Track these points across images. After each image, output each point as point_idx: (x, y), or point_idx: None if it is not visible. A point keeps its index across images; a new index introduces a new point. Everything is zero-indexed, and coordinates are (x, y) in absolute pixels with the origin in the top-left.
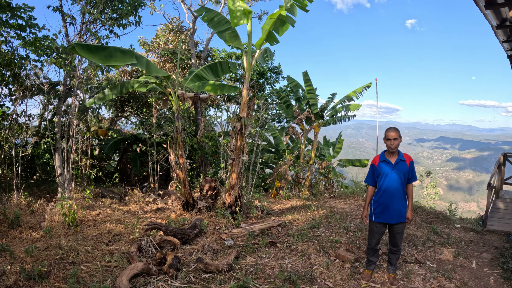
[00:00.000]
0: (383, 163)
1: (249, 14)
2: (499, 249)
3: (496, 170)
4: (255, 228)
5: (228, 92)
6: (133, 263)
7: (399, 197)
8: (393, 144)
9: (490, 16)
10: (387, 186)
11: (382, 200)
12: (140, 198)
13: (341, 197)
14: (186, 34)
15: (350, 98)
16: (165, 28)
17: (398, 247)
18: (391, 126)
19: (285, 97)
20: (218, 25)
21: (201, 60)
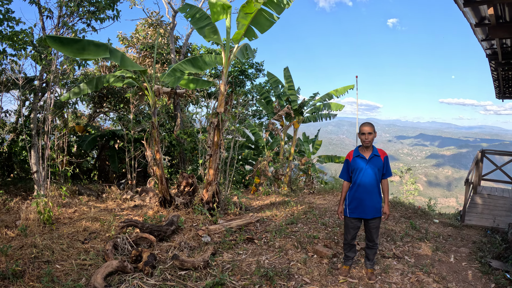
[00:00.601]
0: (357, 158)
1: (228, 9)
2: (477, 243)
3: (473, 166)
4: (232, 224)
5: (202, 87)
6: (108, 261)
7: (374, 192)
8: (367, 139)
9: (469, 14)
10: (361, 181)
11: (356, 195)
12: (118, 195)
13: (321, 193)
14: (165, 29)
15: (331, 96)
16: (144, 22)
17: (374, 242)
18: (366, 122)
19: (265, 93)
20: (199, 21)
21: (181, 56)
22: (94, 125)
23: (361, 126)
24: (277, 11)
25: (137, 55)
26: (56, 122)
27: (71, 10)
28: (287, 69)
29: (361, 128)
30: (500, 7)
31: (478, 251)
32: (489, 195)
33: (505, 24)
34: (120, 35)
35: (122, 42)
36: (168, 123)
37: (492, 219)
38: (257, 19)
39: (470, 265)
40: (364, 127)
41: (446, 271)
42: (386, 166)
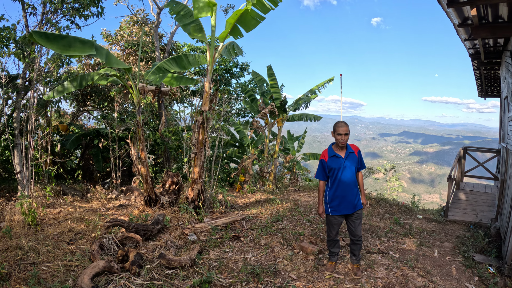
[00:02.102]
0: (334, 158)
1: (213, 7)
2: (460, 238)
3: (456, 163)
4: (218, 222)
5: (186, 84)
6: (95, 262)
7: (353, 188)
8: (343, 140)
9: (452, 14)
10: (341, 179)
11: (338, 194)
12: (103, 195)
13: (305, 190)
14: (150, 26)
15: (313, 91)
16: (129, 20)
17: (358, 236)
18: (341, 121)
19: (250, 91)
20: (183, 18)
21: (165, 54)
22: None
23: (337, 126)
24: (263, 11)
25: (121, 53)
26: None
27: (55, 7)
28: (270, 67)
29: (337, 128)
30: (483, 8)
31: (462, 246)
32: (472, 191)
33: (488, 25)
34: (104, 32)
35: (106, 40)
36: (153, 121)
37: (475, 214)
38: (243, 18)
39: (454, 259)
40: (341, 127)
41: (430, 265)
42: (360, 160)
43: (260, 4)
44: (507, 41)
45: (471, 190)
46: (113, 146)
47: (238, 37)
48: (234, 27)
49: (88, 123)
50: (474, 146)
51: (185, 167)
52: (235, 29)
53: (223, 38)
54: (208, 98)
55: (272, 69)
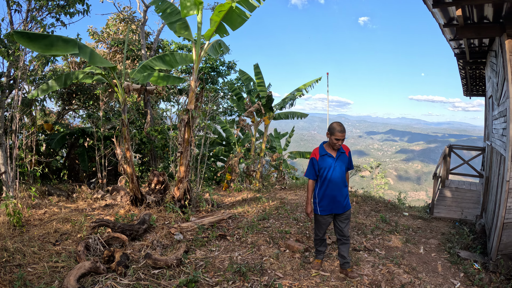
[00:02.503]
0: (325, 157)
1: (199, 5)
2: (446, 235)
3: (441, 160)
4: (205, 221)
5: (173, 83)
6: (81, 262)
7: (343, 188)
8: (339, 145)
9: (438, 14)
10: (331, 178)
11: (328, 193)
12: (88, 195)
13: (292, 189)
14: (137, 24)
15: (300, 91)
16: (115, 17)
17: (346, 236)
18: (340, 123)
19: (237, 90)
20: (170, 16)
21: (152, 52)
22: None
23: (335, 130)
24: (249, 9)
25: (107, 51)
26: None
27: (40, 4)
28: (257, 65)
29: (335, 132)
30: (468, 9)
31: (447, 242)
32: (457, 188)
33: (473, 25)
34: (90, 30)
35: (93, 37)
36: (139, 120)
37: (460, 211)
38: (229, 16)
39: (440, 255)
40: (340, 133)
41: (416, 262)
42: (350, 161)
43: (245, 1)
44: (492, 41)
45: (457, 187)
46: (98, 145)
47: (224, 35)
48: (220, 25)
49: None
50: (459, 144)
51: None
52: (221, 27)
53: (209, 36)
54: (194, 97)
55: (259, 68)
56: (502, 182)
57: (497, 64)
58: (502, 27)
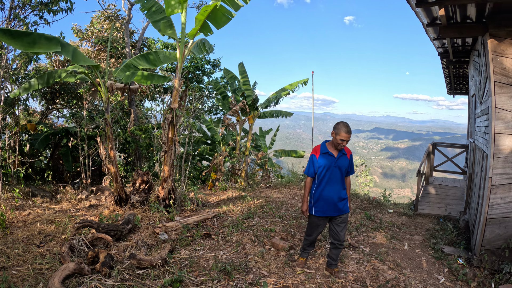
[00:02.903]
0: (325, 155)
1: (184, 3)
2: (430, 231)
3: (425, 158)
4: (189, 220)
5: (158, 82)
6: (65, 264)
7: (341, 190)
8: (343, 146)
9: (421, 14)
10: (329, 179)
11: (324, 194)
12: (72, 196)
13: (277, 187)
14: (121, 22)
15: (285, 90)
16: (100, 15)
17: (342, 240)
18: (347, 124)
19: (222, 89)
20: (154, 14)
21: (136, 50)
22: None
23: (342, 131)
24: (234, 8)
25: (91, 49)
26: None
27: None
28: (242, 64)
29: (342, 133)
30: (451, 8)
31: (431, 238)
32: (441, 185)
33: (456, 25)
34: (75, 28)
35: (77, 35)
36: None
37: (444, 207)
38: (214, 14)
39: (424, 251)
40: (346, 133)
41: (401, 258)
42: (351, 164)
43: (230, 0)
44: (475, 40)
45: (440, 184)
46: (82, 145)
47: (208, 34)
48: (204, 24)
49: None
50: (443, 142)
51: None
52: (205, 25)
53: (193, 35)
54: (178, 96)
55: (243, 66)
56: (485, 179)
57: (479, 63)
58: (485, 27)
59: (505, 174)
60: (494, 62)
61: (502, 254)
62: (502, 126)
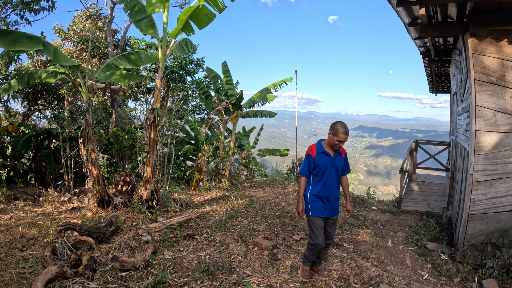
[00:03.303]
0: (322, 155)
1: (166, 2)
2: (413, 227)
3: (408, 155)
4: (173, 221)
5: (134, 81)
6: (48, 268)
7: (336, 190)
8: (339, 147)
9: (402, 13)
10: (327, 179)
11: (321, 194)
12: (55, 198)
13: (261, 186)
14: (104, 21)
15: (268, 90)
16: (82, 14)
17: (331, 240)
18: (345, 125)
19: (205, 88)
20: (136, 14)
21: (119, 49)
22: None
23: (339, 132)
24: (217, 9)
25: (74, 49)
26: None
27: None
28: (225, 63)
29: (340, 134)
30: (432, 8)
31: (414, 235)
32: (424, 182)
33: (437, 24)
34: (56, 27)
35: (59, 35)
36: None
37: (427, 204)
38: (196, 14)
39: (407, 248)
40: (344, 134)
41: (384, 255)
42: (346, 163)
43: (214, 1)
44: (456, 39)
45: (423, 181)
46: (64, 146)
47: (190, 33)
48: (186, 24)
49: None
50: (425, 140)
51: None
52: (187, 25)
53: (175, 35)
54: (160, 96)
55: (227, 66)
56: (466, 176)
57: (460, 62)
58: (465, 26)
59: (486, 170)
60: (475, 61)
61: (484, 249)
62: (482, 124)
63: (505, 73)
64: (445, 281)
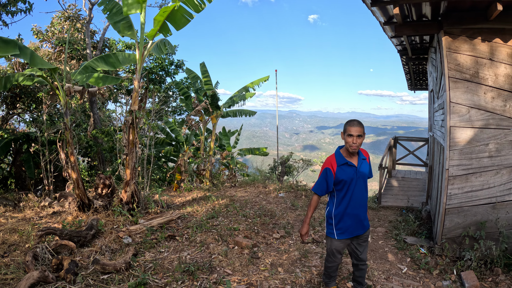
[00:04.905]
0: (345, 167)
1: (143, 3)
2: (393, 222)
3: (387, 152)
4: (153, 223)
5: (112, 83)
6: (29, 273)
7: (365, 204)
8: (355, 143)
9: (377, 13)
10: (353, 194)
11: (349, 212)
12: (35, 203)
13: (242, 186)
14: (82, 22)
15: (247, 89)
16: (60, 15)
17: (364, 260)
18: (354, 119)
19: (184, 89)
20: (114, 15)
21: (97, 51)
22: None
23: (347, 124)
24: (195, 9)
25: (52, 50)
26: None
27: None
28: (203, 64)
29: (347, 127)
30: (407, 7)
31: (394, 230)
32: (403, 177)
33: (412, 23)
34: (35, 29)
35: (37, 37)
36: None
37: (406, 199)
38: (173, 15)
39: (387, 243)
40: (352, 126)
41: None
42: (370, 168)
43: (191, 2)
44: (432, 38)
45: (403, 177)
46: (43, 150)
47: (168, 34)
48: (163, 25)
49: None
50: (404, 136)
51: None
52: (165, 26)
53: (152, 36)
54: (138, 97)
55: (205, 66)
56: (443, 171)
57: (436, 60)
58: (440, 25)
59: (462, 165)
60: (449, 58)
61: (462, 242)
62: (457, 120)
63: (479, 70)
64: (424, 274)
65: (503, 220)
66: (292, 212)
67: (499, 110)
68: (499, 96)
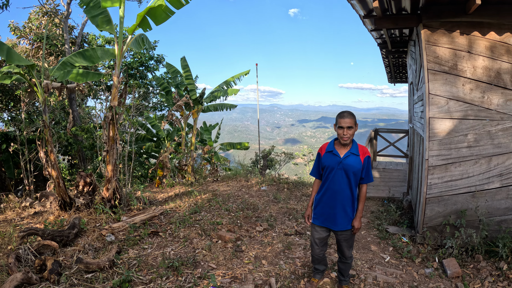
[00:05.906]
0: (329, 154)
1: None
2: (375, 213)
3: (367, 143)
4: (136, 220)
5: (93, 79)
6: (12, 275)
7: (345, 200)
8: (345, 134)
9: (357, 6)
10: (330, 184)
11: (324, 200)
12: (16, 204)
13: (224, 180)
14: (60, 18)
15: (228, 83)
16: (38, 10)
17: (345, 256)
18: (345, 110)
19: (165, 84)
20: (92, 9)
21: (76, 46)
22: None
23: (338, 116)
24: (175, 6)
25: (30, 47)
26: None
27: None
28: (184, 59)
29: (338, 119)
30: (386, 0)
31: (376, 220)
32: (384, 169)
33: (391, 16)
34: (12, 25)
35: (14, 33)
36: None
37: (388, 190)
38: (153, 10)
39: (369, 233)
40: (342, 118)
41: None
42: (366, 169)
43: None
44: (411, 31)
45: (384, 168)
46: (22, 149)
47: (147, 29)
48: (143, 20)
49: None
50: (385, 128)
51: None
52: (145, 21)
53: (132, 31)
54: (117, 93)
55: (186, 61)
56: (422, 161)
57: (415, 53)
58: (419, 18)
59: (441, 155)
60: (428, 51)
61: (443, 230)
62: (436, 111)
63: (457, 63)
64: (407, 262)
65: (483, 208)
66: (275, 205)
67: (477, 102)
68: (477, 87)
